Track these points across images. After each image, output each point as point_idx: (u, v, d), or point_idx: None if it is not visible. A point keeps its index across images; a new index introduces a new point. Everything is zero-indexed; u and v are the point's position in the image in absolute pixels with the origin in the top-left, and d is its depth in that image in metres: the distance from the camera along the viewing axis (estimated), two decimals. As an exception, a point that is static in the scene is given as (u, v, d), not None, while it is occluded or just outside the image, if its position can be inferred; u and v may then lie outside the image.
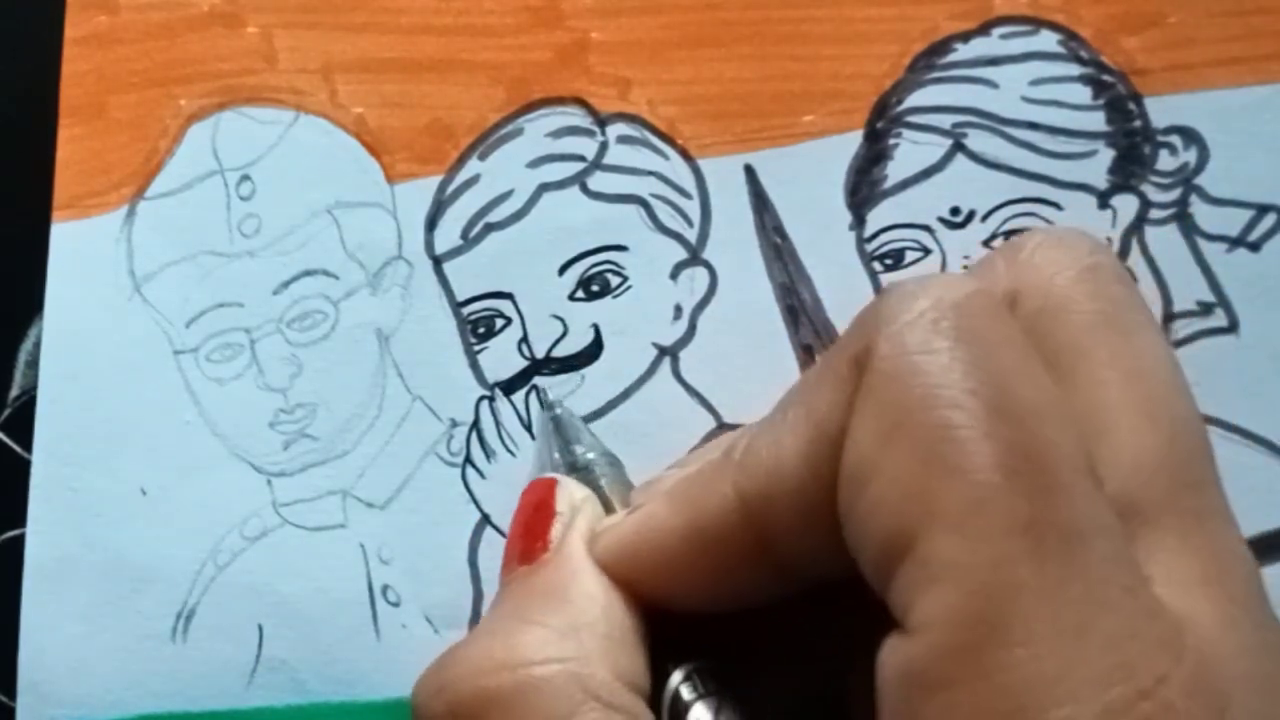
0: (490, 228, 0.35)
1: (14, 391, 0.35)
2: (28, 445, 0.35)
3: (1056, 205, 0.33)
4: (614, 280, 0.34)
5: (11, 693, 0.34)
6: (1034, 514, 0.19)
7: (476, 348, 0.35)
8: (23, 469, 0.35)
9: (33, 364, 0.35)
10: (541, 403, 0.34)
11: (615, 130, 0.35)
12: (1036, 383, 0.20)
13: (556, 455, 0.31)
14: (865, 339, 0.21)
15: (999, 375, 0.20)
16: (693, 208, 0.35)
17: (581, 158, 0.35)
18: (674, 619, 0.25)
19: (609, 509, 0.28)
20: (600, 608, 0.24)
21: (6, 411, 0.35)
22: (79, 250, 0.36)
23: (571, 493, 0.27)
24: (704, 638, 0.25)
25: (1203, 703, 0.18)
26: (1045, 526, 0.19)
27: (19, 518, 0.35)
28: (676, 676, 0.24)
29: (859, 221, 0.34)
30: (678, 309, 0.34)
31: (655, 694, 0.24)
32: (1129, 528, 0.20)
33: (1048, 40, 0.34)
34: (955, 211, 0.33)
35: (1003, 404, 0.20)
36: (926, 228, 0.33)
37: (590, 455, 0.30)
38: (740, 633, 0.25)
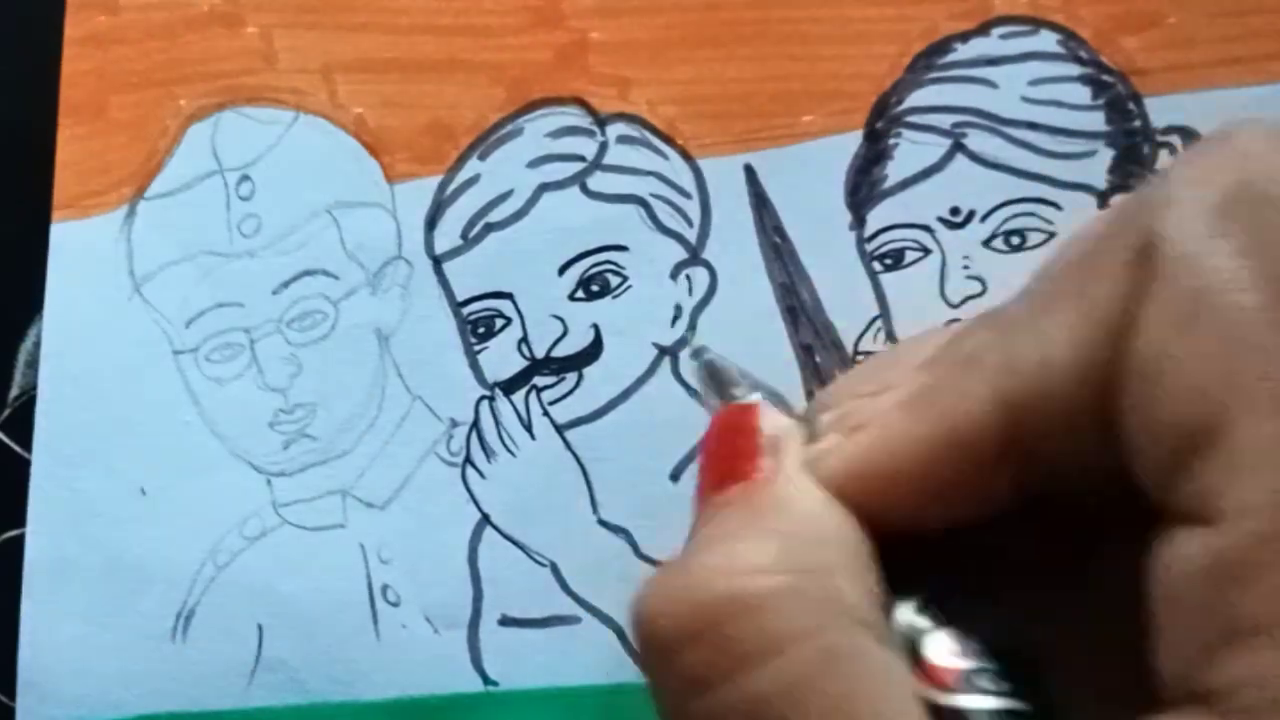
0: (490, 228, 0.35)
1: (14, 391, 0.35)
2: (28, 445, 0.35)
3: (1056, 205, 0.33)
4: (614, 280, 0.34)
5: (11, 693, 0.34)
6: None
7: (476, 348, 0.35)
8: (23, 469, 0.35)
9: (33, 364, 0.35)
10: (691, 352, 0.33)
11: (615, 130, 0.35)
12: None
13: (714, 401, 0.29)
14: (1145, 228, 0.20)
15: None
16: (693, 208, 0.35)
17: (581, 158, 0.35)
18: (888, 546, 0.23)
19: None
20: (834, 524, 0.22)
21: (6, 411, 0.35)
22: (79, 250, 0.36)
23: (775, 417, 0.25)
24: (922, 565, 0.23)
25: None
26: None
27: (19, 518, 0.35)
28: (910, 604, 0.22)
29: (859, 221, 0.34)
30: (678, 309, 0.34)
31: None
32: None
33: (1047, 40, 0.34)
34: (955, 211, 0.33)
35: None
36: (926, 228, 0.33)
37: (755, 396, 0.28)
38: (949, 561, 0.23)
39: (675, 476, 0.34)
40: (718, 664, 0.21)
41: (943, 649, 0.22)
